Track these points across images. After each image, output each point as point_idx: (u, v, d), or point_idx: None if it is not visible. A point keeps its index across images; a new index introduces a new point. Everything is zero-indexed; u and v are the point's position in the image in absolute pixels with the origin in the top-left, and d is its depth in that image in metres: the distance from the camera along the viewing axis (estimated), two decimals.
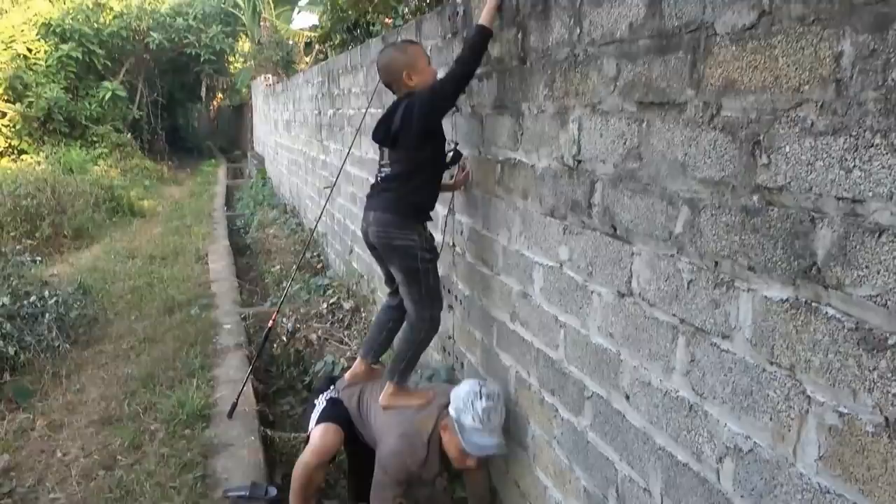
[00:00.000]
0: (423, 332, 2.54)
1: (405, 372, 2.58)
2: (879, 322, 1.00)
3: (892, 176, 0.96)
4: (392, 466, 2.41)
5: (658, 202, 1.50)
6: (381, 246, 2.51)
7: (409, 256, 2.44)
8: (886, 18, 0.96)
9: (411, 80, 2.44)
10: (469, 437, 2.27)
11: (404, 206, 2.47)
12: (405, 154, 2.47)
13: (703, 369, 1.39)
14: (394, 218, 2.46)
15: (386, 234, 2.47)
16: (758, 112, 1.20)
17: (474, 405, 2.27)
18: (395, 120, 2.42)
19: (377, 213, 2.51)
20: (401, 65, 2.47)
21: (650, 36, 1.49)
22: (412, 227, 2.46)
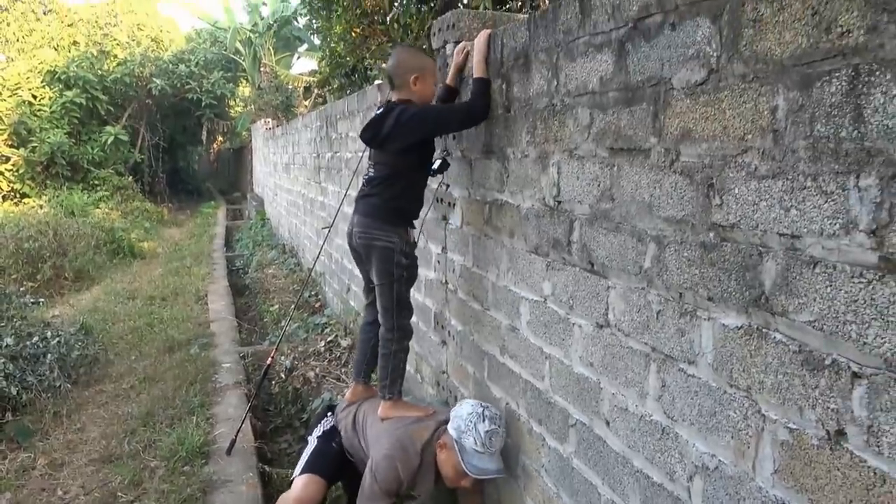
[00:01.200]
0: (395, 341, 2.62)
1: (393, 385, 2.65)
2: (818, 344, 1.12)
3: (821, 214, 1.09)
4: (382, 471, 2.39)
5: (629, 239, 1.63)
6: (362, 247, 2.60)
7: (387, 259, 2.52)
8: (810, 78, 1.10)
9: (415, 85, 2.50)
10: (469, 458, 2.28)
11: (386, 211, 2.56)
12: (391, 158, 2.54)
13: (672, 394, 1.50)
14: (375, 221, 2.56)
15: (367, 235, 2.56)
16: (711, 158, 1.34)
17: (477, 427, 2.29)
18: (386, 123, 2.46)
19: (360, 217, 2.61)
20: (414, 67, 2.52)
21: (618, 89, 1.64)
22: (393, 229, 2.55)
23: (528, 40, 2.12)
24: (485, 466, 2.30)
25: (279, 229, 10.76)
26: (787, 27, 1.14)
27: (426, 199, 2.79)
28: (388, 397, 2.65)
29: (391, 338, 2.62)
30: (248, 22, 18.37)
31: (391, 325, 2.60)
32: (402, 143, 2.47)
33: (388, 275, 2.55)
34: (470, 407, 2.39)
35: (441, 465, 2.41)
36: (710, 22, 1.32)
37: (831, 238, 1.08)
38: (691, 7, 1.37)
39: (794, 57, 1.13)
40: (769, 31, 1.18)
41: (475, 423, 2.32)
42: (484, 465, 2.30)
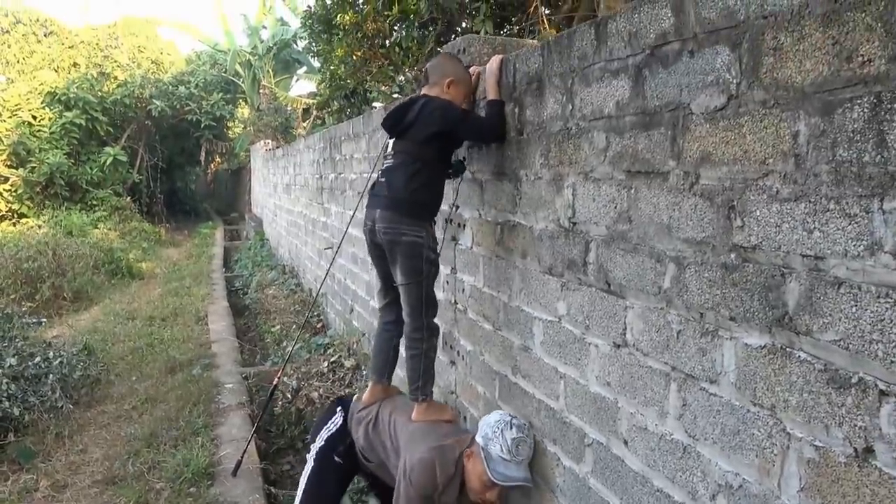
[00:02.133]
0: (425, 340, 2.54)
1: (426, 386, 2.58)
2: (844, 363, 1.14)
3: (845, 236, 1.12)
4: (418, 474, 2.32)
5: (647, 260, 1.66)
6: (388, 243, 2.48)
7: (415, 255, 2.45)
8: (831, 105, 1.14)
9: (448, 89, 2.53)
10: (495, 466, 2.22)
11: (410, 205, 2.48)
12: (413, 147, 2.50)
13: (694, 413, 1.52)
14: (401, 216, 2.47)
15: (394, 230, 2.46)
16: (731, 181, 1.37)
17: (504, 434, 2.24)
18: (412, 111, 2.48)
19: (384, 211, 2.49)
20: (454, 73, 2.57)
21: (635, 113, 1.68)
22: (420, 224, 2.48)
23: (541, 65, 2.17)
24: (511, 474, 2.23)
25: (279, 250, 10.77)
26: (807, 56, 1.18)
27: None
28: (422, 399, 2.57)
29: (420, 337, 2.54)
30: (247, 45, 18.53)
31: (419, 324, 2.52)
32: (423, 133, 2.44)
33: (417, 271, 2.46)
34: (498, 415, 2.35)
35: (468, 476, 2.33)
36: (729, 50, 1.36)
37: (856, 259, 1.11)
38: (710, 35, 1.41)
39: (816, 84, 1.17)
40: (789, 59, 1.22)
41: (502, 429, 2.26)
42: (510, 472, 2.23)
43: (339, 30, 9.23)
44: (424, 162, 2.48)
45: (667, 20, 1.54)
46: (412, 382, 2.59)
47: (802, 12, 1.18)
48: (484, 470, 2.24)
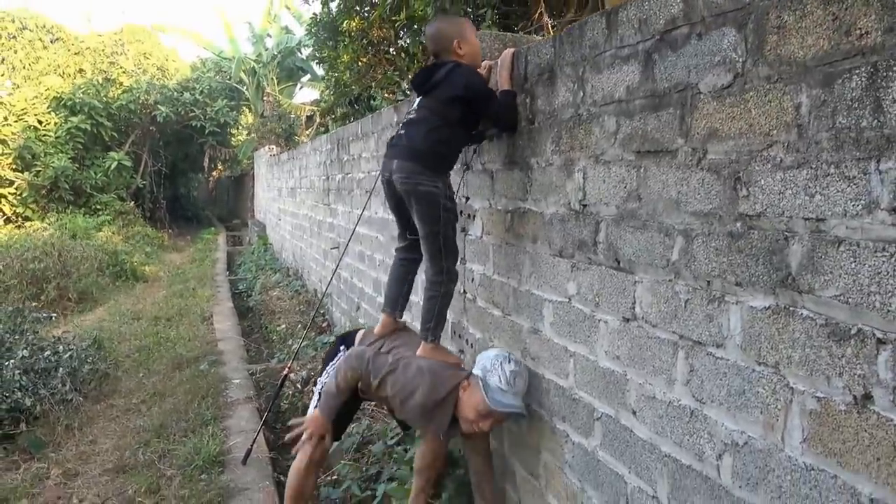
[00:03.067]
0: (443, 285, 2.62)
1: (436, 329, 2.66)
2: (844, 317, 1.22)
3: (845, 197, 1.21)
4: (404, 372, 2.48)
5: (656, 235, 1.74)
6: (406, 192, 2.55)
7: (433, 204, 2.52)
8: (831, 76, 1.22)
9: (461, 48, 2.59)
10: (493, 395, 2.33)
11: (428, 156, 2.55)
12: (437, 105, 2.56)
13: (701, 377, 1.59)
14: (418, 166, 2.54)
15: (411, 180, 2.53)
16: (737, 154, 1.46)
17: (503, 366, 2.37)
18: (438, 73, 2.56)
19: (402, 162, 2.57)
20: (452, 33, 2.62)
21: (644, 96, 1.77)
22: (437, 175, 2.55)
23: (553, 56, 2.26)
24: (508, 402, 2.34)
25: (282, 253, 10.85)
26: (809, 32, 1.27)
27: None
28: (431, 339, 2.66)
29: (439, 280, 2.61)
30: (252, 52, 18.72)
31: (439, 268, 2.60)
32: (447, 94, 2.53)
33: (435, 220, 2.54)
34: (496, 351, 2.49)
35: (462, 407, 2.41)
36: (735, 31, 1.45)
37: (854, 218, 1.19)
38: (717, 18, 1.50)
39: (817, 58, 1.25)
40: (792, 36, 1.30)
41: (501, 362, 2.38)
42: (507, 400, 2.34)
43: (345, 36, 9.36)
44: (446, 121, 2.56)
45: (676, 6, 1.63)
46: (425, 322, 2.68)
47: None
48: (481, 399, 2.34)
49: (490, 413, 2.36)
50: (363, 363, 2.55)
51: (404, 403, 2.49)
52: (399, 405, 2.53)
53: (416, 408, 2.45)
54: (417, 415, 2.49)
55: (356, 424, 3.96)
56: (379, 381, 2.52)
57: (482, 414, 2.37)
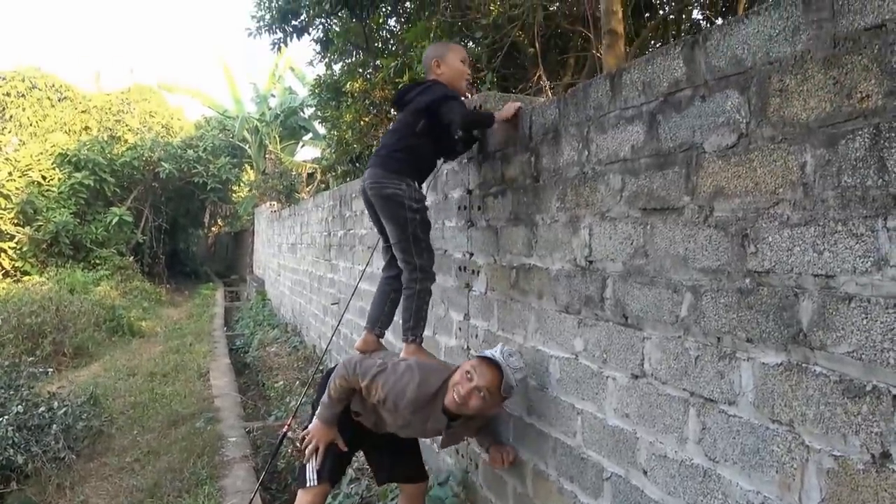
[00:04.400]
0: (418, 282, 2.68)
1: (416, 328, 2.70)
2: (858, 373, 1.22)
3: (853, 254, 1.23)
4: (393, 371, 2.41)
5: (664, 291, 1.75)
6: (374, 196, 2.71)
7: (397, 205, 2.64)
8: (835, 137, 1.26)
9: (439, 67, 2.78)
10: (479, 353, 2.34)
11: (393, 160, 2.71)
12: (405, 116, 2.77)
13: (714, 435, 1.58)
14: (382, 171, 2.70)
15: (377, 185, 2.69)
16: (744, 211, 1.48)
17: (499, 347, 2.37)
18: (415, 90, 2.77)
19: (371, 168, 2.76)
20: (434, 54, 2.83)
21: (650, 155, 1.81)
22: (400, 178, 2.68)
23: (557, 116, 2.32)
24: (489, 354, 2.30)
25: (281, 309, 10.81)
26: (811, 95, 1.31)
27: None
28: (412, 339, 2.68)
29: (414, 278, 2.69)
30: (255, 111, 19.12)
31: (412, 266, 2.68)
32: (416, 105, 2.70)
33: (401, 220, 2.65)
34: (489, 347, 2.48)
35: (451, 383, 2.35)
36: (738, 93, 1.50)
37: (864, 275, 1.20)
38: (719, 81, 1.56)
39: (820, 119, 1.30)
40: (795, 98, 1.35)
41: (497, 346, 2.38)
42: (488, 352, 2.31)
43: (348, 96, 9.60)
44: (412, 131, 2.73)
45: (679, 70, 1.69)
46: (404, 323, 2.73)
47: (805, 57, 1.32)
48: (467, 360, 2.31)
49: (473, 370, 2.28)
50: (351, 368, 2.48)
51: (398, 405, 2.38)
52: (393, 408, 2.41)
53: (409, 406, 2.36)
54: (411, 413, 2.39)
55: (356, 485, 3.87)
56: (369, 381, 2.41)
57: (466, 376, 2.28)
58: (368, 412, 2.57)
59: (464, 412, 2.35)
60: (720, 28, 1.55)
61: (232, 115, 19.56)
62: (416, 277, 2.70)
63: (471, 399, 2.27)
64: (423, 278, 2.71)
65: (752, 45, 1.45)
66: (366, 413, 2.58)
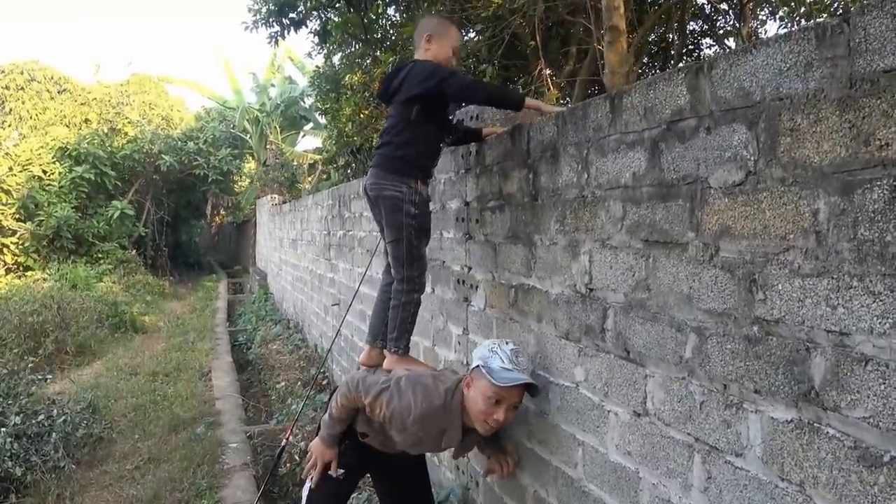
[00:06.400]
0: (404, 294, 2.61)
1: (400, 339, 2.62)
2: (874, 441, 1.14)
3: (870, 314, 1.14)
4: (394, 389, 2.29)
5: (668, 329, 1.67)
6: (374, 198, 2.63)
7: (395, 208, 2.55)
8: (851, 185, 1.17)
9: (429, 44, 2.61)
10: (498, 374, 2.16)
11: (393, 160, 2.60)
12: (399, 108, 2.61)
13: (719, 486, 1.50)
14: (383, 171, 2.60)
15: (377, 185, 2.60)
16: (751, 254, 1.40)
17: (501, 348, 2.23)
18: (397, 77, 2.60)
19: (372, 169, 2.66)
20: (429, 27, 2.66)
21: (652, 185, 1.72)
22: (401, 179, 2.57)
23: (556, 135, 2.23)
24: (515, 377, 2.17)
25: (283, 304, 10.76)
26: (824, 138, 1.22)
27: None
28: (394, 350, 2.60)
29: (401, 289, 2.61)
30: (256, 102, 18.98)
31: (402, 276, 2.60)
32: (406, 95, 2.54)
33: (398, 226, 2.56)
34: (489, 341, 2.35)
35: (470, 405, 2.23)
36: (746, 128, 1.41)
37: (882, 337, 1.12)
38: (726, 113, 1.46)
39: (834, 165, 1.21)
40: (807, 139, 1.26)
41: (498, 345, 2.25)
42: (514, 375, 2.17)
43: (347, 89, 9.48)
44: (408, 122, 2.58)
45: (682, 97, 1.60)
46: (389, 332, 2.66)
47: (818, 96, 1.23)
48: (487, 383, 2.17)
49: (500, 396, 2.17)
50: (353, 385, 2.40)
51: (405, 423, 2.29)
52: (401, 426, 2.31)
53: (417, 422, 2.27)
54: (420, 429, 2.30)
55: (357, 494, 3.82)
56: (373, 398, 2.33)
57: (493, 400, 2.18)
58: (375, 432, 2.48)
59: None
60: (726, 57, 1.46)
61: (232, 106, 19.42)
62: (403, 289, 2.63)
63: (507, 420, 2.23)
64: (409, 290, 2.63)
65: (761, 78, 1.36)
66: (373, 433, 2.50)
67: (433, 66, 2.55)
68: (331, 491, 2.58)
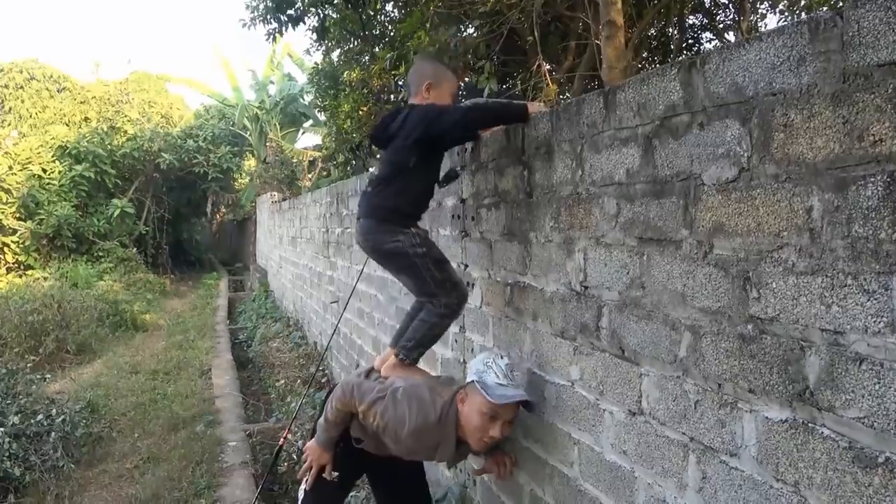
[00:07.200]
0: (439, 316, 2.50)
1: (412, 350, 2.54)
2: (869, 441, 1.12)
3: (865, 312, 1.12)
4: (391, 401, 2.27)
5: (662, 327, 1.65)
6: (370, 253, 2.55)
7: (400, 256, 2.46)
8: (845, 182, 1.15)
9: (428, 93, 2.53)
10: (493, 391, 2.16)
11: (382, 210, 2.51)
12: (392, 156, 2.54)
13: (714, 486, 1.49)
14: (373, 223, 2.51)
15: (370, 241, 2.52)
16: (745, 252, 1.38)
17: (496, 363, 2.22)
18: (394, 123, 2.51)
19: (360, 222, 2.57)
20: (429, 74, 2.57)
21: (645, 181, 1.70)
22: (394, 229, 2.48)
23: (550, 131, 2.21)
24: (511, 393, 2.17)
25: (283, 302, 10.76)
26: (818, 133, 1.20)
27: None
28: (402, 358, 2.54)
29: (439, 312, 2.50)
30: (255, 99, 18.95)
31: (439, 303, 2.49)
32: (404, 142, 2.46)
33: (410, 268, 2.47)
34: (484, 354, 2.33)
35: (465, 421, 2.23)
36: (739, 124, 1.39)
37: (877, 336, 1.10)
38: (719, 109, 1.44)
39: (828, 161, 1.19)
40: (800, 135, 1.24)
41: (493, 359, 2.24)
42: (509, 392, 2.17)
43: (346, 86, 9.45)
44: (403, 170, 2.50)
45: (675, 93, 1.57)
46: (406, 339, 2.57)
47: (811, 91, 1.21)
48: (483, 399, 2.16)
49: (495, 412, 2.18)
50: (349, 390, 2.39)
51: (398, 435, 2.29)
52: (394, 437, 2.31)
53: (411, 435, 2.27)
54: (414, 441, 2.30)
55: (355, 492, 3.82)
56: (367, 406, 2.31)
57: (488, 416, 2.18)
58: (370, 438, 2.46)
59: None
60: (719, 52, 1.44)
61: (231, 104, 19.39)
62: (440, 312, 2.51)
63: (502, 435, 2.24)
64: (445, 314, 2.53)
65: (754, 72, 1.33)
66: (367, 439, 2.48)
67: (428, 106, 2.49)
68: (326, 493, 2.56)
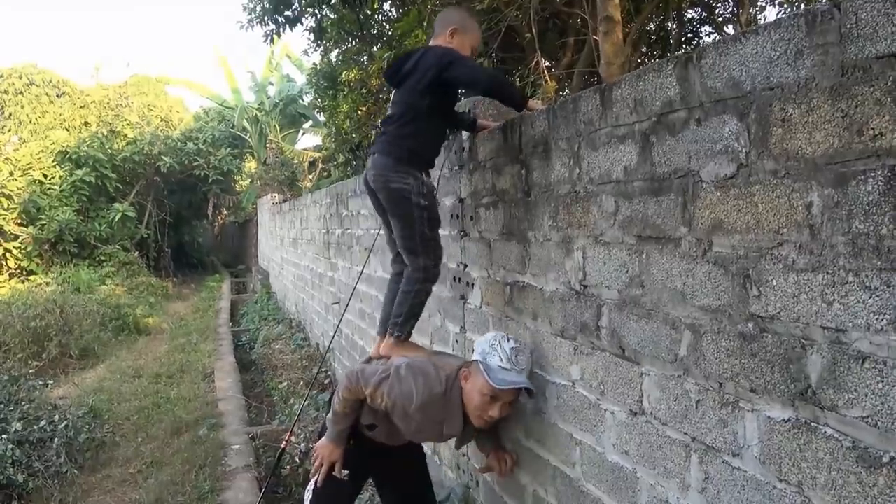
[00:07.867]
0: (419, 282, 2.53)
1: (404, 324, 2.55)
2: (873, 441, 1.10)
3: (867, 309, 1.10)
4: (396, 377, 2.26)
5: (662, 326, 1.63)
6: (378, 189, 2.54)
7: (404, 200, 2.46)
8: (844, 177, 1.13)
9: (451, 38, 2.54)
10: (495, 375, 2.14)
11: (400, 149, 2.51)
12: (407, 96, 2.53)
13: (717, 486, 1.47)
14: (389, 160, 2.51)
15: (382, 177, 2.51)
16: (745, 249, 1.36)
17: (501, 345, 2.19)
18: (408, 62, 2.52)
19: (374, 157, 2.57)
20: (456, 21, 2.58)
21: (643, 179, 1.68)
22: (407, 170, 2.48)
23: (547, 129, 2.19)
24: (511, 379, 2.15)
25: (285, 303, 10.75)
26: (817, 128, 1.18)
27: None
28: (397, 335, 2.54)
29: (416, 277, 2.53)
30: (254, 101, 18.93)
31: (417, 265, 2.51)
32: (419, 82, 2.45)
33: (408, 218, 2.48)
34: (492, 333, 2.32)
35: (467, 399, 2.23)
36: (736, 119, 1.37)
37: (879, 333, 1.08)
38: (716, 104, 1.42)
39: (827, 156, 1.17)
40: (799, 130, 1.22)
41: (499, 342, 2.21)
42: (511, 377, 2.15)
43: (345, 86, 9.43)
44: (418, 111, 2.50)
45: (672, 89, 1.55)
46: (394, 316, 2.58)
47: (809, 85, 1.19)
48: (485, 381, 2.16)
49: (496, 395, 2.17)
50: (353, 378, 2.37)
51: (407, 410, 2.27)
52: (403, 414, 2.30)
53: (419, 410, 2.26)
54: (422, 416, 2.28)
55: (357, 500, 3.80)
56: (373, 388, 2.30)
57: (488, 397, 2.18)
58: (381, 422, 2.46)
59: None
60: (715, 46, 1.41)
61: (231, 106, 19.38)
62: (416, 277, 2.55)
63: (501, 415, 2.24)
64: (423, 279, 2.56)
65: (751, 67, 1.31)
66: (379, 424, 2.47)
67: (445, 49, 2.50)
68: (335, 492, 2.55)
